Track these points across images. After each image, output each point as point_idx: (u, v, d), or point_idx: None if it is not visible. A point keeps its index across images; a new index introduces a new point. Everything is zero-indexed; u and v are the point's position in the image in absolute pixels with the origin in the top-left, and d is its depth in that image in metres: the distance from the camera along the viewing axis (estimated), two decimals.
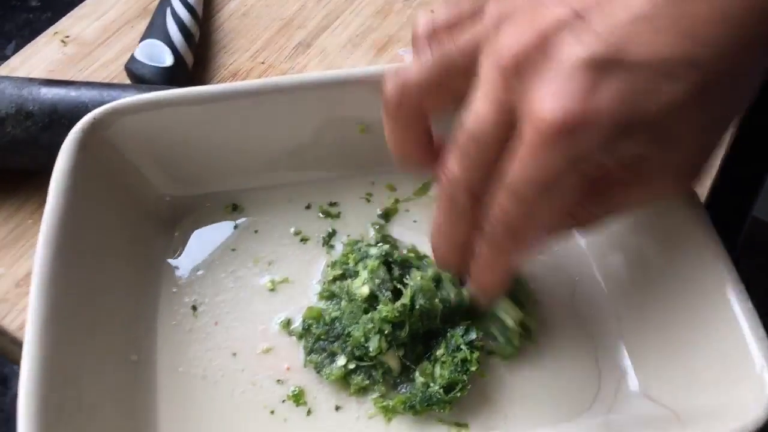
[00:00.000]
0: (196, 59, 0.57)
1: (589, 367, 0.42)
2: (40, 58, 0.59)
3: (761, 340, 0.36)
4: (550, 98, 0.29)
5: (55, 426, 0.34)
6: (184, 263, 0.46)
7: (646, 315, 0.42)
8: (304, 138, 0.47)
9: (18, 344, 0.46)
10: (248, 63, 0.59)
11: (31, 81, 0.49)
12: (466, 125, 0.32)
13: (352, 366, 0.42)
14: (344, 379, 0.42)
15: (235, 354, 0.43)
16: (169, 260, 0.46)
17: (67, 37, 0.60)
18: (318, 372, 0.42)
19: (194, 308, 0.44)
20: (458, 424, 0.40)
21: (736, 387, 0.35)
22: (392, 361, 0.41)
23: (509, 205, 0.31)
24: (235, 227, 0.48)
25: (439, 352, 0.42)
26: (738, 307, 0.36)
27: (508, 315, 0.43)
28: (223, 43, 0.61)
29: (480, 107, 0.32)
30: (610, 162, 0.31)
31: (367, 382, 0.42)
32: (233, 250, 0.47)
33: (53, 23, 0.62)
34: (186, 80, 0.55)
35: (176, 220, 0.47)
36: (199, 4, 0.60)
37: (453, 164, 0.33)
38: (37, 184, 0.51)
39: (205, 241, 0.47)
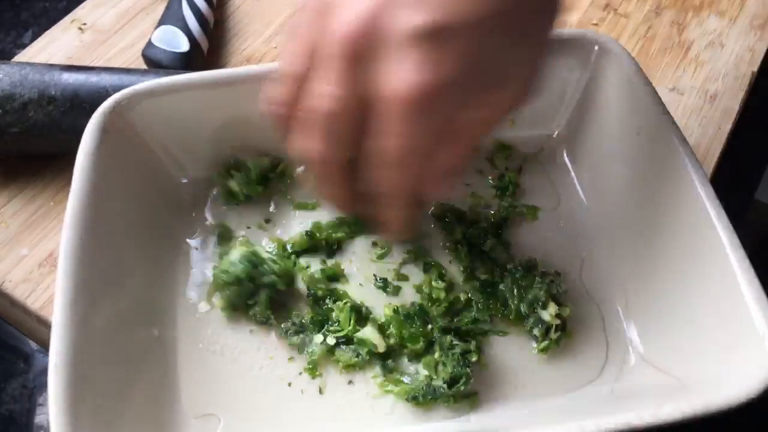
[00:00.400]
0: (210, 44, 0.59)
1: (597, 338, 0.44)
2: (59, 46, 0.60)
3: (763, 306, 0.36)
4: (401, 74, 0.32)
5: (84, 398, 0.36)
6: (201, 243, 0.47)
7: (650, 286, 0.43)
8: None
9: (42, 323, 0.48)
10: (262, 47, 0.60)
11: (52, 67, 0.50)
12: (321, 106, 0.34)
13: (332, 342, 0.43)
14: (329, 355, 0.43)
15: (251, 331, 0.44)
16: (188, 240, 0.47)
17: (84, 24, 0.61)
18: (300, 353, 0.43)
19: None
20: (468, 394, 0.42)
21: (739, 353, 0.36)
22: (374, 337, 0.43)
23: (391, 176, 0.35)
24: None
25: (437, 355, 0.42)
26: (740, 275, 0.37)
27: (546, 310, 0.44)
28: (237, 28, 0.62)
29: (330, 89, 0.34)
30: (464, 112, 0.35)
31: (356, 359, 0.43)
32: (248, 228, 0.48)
33: (69, 12, 0.63)
34: (201, 65, 0.57)
35: (194, 202, 0.49)
36: None
37: (318, 143, 0.36)
38: (58, 168, 0.52)
39: (222, 221, 0.48)
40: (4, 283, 0.48)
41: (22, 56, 0.59)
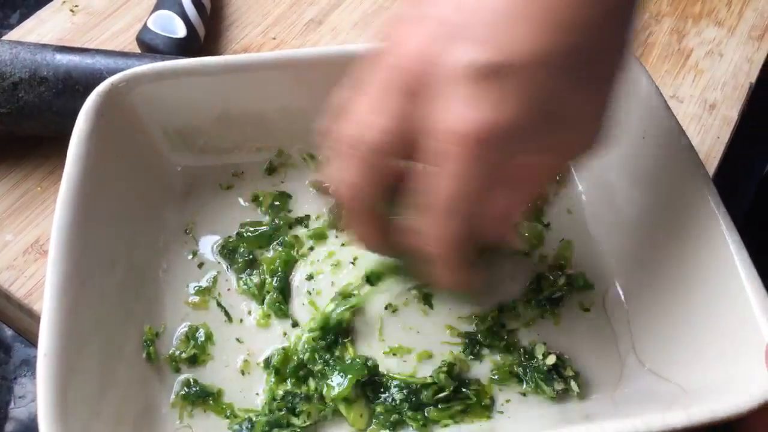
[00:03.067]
0: (207, 32, 0.57)
1: (598, 344, 0.43)
2: (49, 27, 0.58)
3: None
4: (460, 110, 0.30)
5: (72, 388, 0.34)
6: (195, 231, 0.46)
7: (652, 291, 0.43)
8: (316, 112, 0.47)
9: (25, 311, 0.46)
10: (259, 38, 0.59)
11: (45, 47, 0.49)
12: (365, 135, 0.32)
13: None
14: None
15: (241, 320, 0.43)
16: (181, 228, 0.46)
17: (76, 6, 0.60)
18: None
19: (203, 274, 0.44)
20: None
21: (742, 360, 0.36)
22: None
23: (438, 224, 0.33)
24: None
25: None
26: (745, 282, 0.37)
27: (546, 356, 0.42)
28: (235, 17, 0.60)
29: (380, 120, 0.32)
30: (525, 155, 0.32)
31: None
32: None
33: None
34: (197, 52, 0.55)
35: (187, 189, 0.47)
36: None
37: (354, 174, 0.34)
38: (46, 152, 0.51)
39: (214, 210, 0.47)
40: None
41: (11, 36, 0.57)
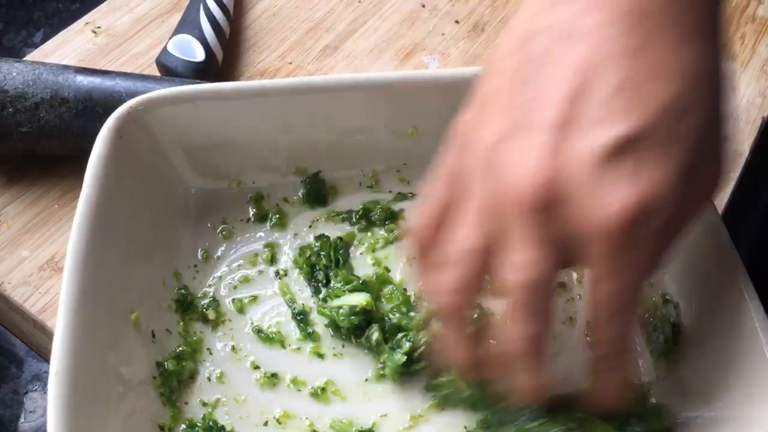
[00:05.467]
0: (225, 56, 0.58)
1: None
2: (72, 47, 0.59)
3: None
4: (607, 199, 0.28)
5: (83, 407, 0.35)
6: (208, 255, 0.47)
7: None
8: (332, 137, 0.48)
9: (38, 327, 0.47)
10: (276, 62, 0.60)
11: (66, 68, 0.50)
12: (521, 279, 0.30)
13: None
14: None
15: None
16: (195, 252, 0.46)
17: (99, 27, 0.61)
18: None
19: (215, 300, 0.45)
20: None
21: (756, 400, 0.36)
22: None
23: (618, 327, 0.31)
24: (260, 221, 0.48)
25: None
26: (759, 324, 0.37)
27: None
28: (252, 42, 0.61)
29: (528, 255, 0.30)
30: (669, 228, 0.30)
31: None
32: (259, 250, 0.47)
33: (81, 14, 0.63)
34: (215, 76, 0.56)
35: (202, 212, 0.48)
36: (231, 2, 0.60)
37: (520, 325, 0.31)
38: (64, 171, 0.52)
39: (229, 233, 0.48)
40: (2, 284, 0.47)
41: (34, 55, 0.59)
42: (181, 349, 0.42)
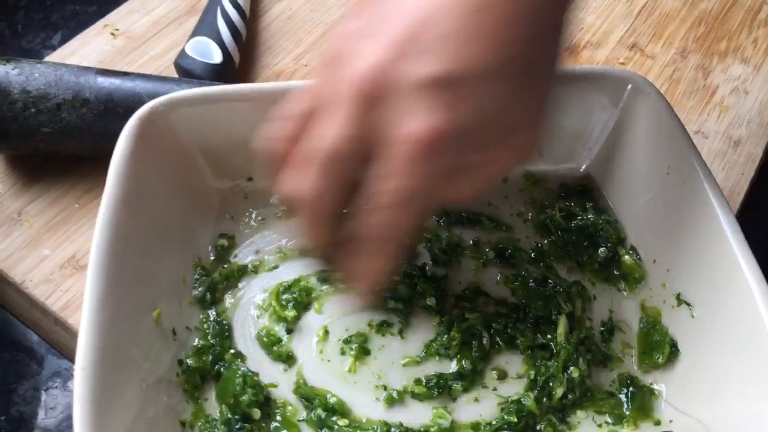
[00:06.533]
0: (242, 58, 0.59)
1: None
2: (90, 49, 0.60)
3: None
4: (413, 118, 0.33)
5: (108, 404, 0.35)
6: (229, 254, 0.47)
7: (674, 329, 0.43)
8: None
9: (60, 324, 0.48)
10: (292, 65, 0.61)
11: (87, 70, 0.50)
12: (326, 144, 0.35)
13: None
14: None
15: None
16: (215, 250, 0.47)
17: (117, 30, 0.62)
18: None
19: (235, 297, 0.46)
20: None
21: (764, 398, 0.36)
22: None
23: (386, 217, 0.36)
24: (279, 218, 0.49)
25: None
26: (767, 321, 0.37)
27: None
28: (269, 44, 0.62)
29: (339, 129, 0.35)
30: (468, 157, 0.35)
31: None
32: (280, 249, 0.48)
33: (99, 16, 0.64)
34: (233, 78, 0.57)
35: (222, 212, 0.48)
36: (247, 5, 0.61)
37: (316, 180, 0.36)
38: (85, 170, 0.52)
39: (249, 232, 0.48)
40: (24, 282, 0.48)
41: (54, 57, 0.59)
42: (202, 344, 0.43)
